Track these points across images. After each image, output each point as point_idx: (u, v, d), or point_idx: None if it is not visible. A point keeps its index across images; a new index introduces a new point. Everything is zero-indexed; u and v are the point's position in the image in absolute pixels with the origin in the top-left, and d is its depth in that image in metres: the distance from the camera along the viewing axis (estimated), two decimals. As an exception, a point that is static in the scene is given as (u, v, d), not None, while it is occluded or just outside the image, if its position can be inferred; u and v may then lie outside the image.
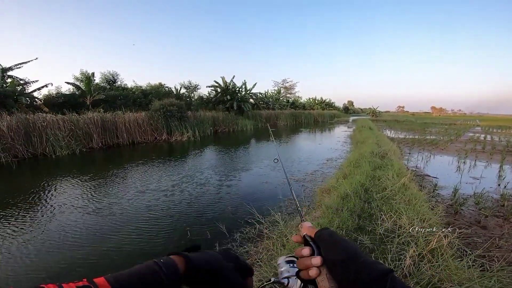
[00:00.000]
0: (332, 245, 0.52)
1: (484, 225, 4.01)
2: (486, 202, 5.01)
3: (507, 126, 30.90)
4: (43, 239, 3.95)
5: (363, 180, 4.97)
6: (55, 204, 5.35)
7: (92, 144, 12.42)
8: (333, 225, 3.13)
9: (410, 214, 3.14)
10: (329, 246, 0.53)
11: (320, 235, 0.56)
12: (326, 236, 0.55)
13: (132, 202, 5.46)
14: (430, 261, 2.16)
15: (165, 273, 0.44)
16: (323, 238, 0.55)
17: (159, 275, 0.43)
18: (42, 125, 10.84)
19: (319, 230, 0.57)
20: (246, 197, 5.71)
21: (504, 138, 16.87)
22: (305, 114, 37.25)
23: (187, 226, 4.34)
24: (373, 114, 54.97)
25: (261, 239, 3.66)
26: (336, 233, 0.55)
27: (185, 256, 0.48)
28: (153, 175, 7.56)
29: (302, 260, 0.54)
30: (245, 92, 25.07)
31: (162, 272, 0.43)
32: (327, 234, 0.55)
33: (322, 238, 0.55)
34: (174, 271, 0.45)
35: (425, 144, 13.35)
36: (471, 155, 10.24)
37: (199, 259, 0.49)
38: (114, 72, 22.77)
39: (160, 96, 20.35)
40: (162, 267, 0.44)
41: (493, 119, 63.74)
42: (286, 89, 48.26)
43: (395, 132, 21.01)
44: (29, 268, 3.30)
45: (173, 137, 15.52)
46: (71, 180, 7.05)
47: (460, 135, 18.34)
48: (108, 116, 13.50)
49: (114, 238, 4.04)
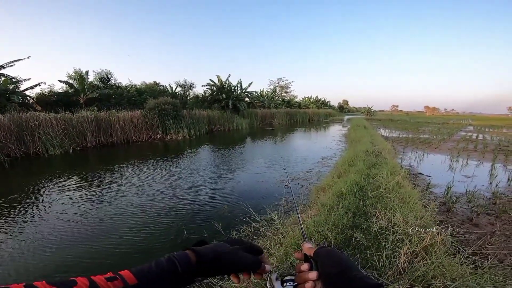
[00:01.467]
0: (327, 260, 0.57)
1: (476, 222, 4.08)
2: (478, 200, 5.10)
3: (499, 125, 31.44)
4: (35, 239, 3.91)
5: (358, 179, 5.02)
6: (48, 203, 5.29)
7: (86, 143, 12.29)
8: (328, 223, 3.16)
9: (404, 212, 3.18)
10: (324, 260, 0.57)
11: (318, 253, 0.60)
12: (323, 252, 0.59)
13: (126, 201, 5.43)
14: (424, 258, 2.20)
15: (180, 264, 0.51)
16: (321, 255, 0.59)
17: (175, 266, 0.50)
18: (34, 124, 10.70)
19: (318, 248, 0.62)
20: (242, 196, 5.72)
21: (496, 138, 17.15)
22: (301, 113, 37.34)
23: (183, 225, 4.33)
24: (367, 113, 55.35)
25: (257, 237, 3.67)
26: (334, 250, 0.60)
27: (194, 249, 0.55)
28: (148, 174, 7.52)
29: (300, 275, 0.59)
30: (240, 91, 25.04)
31: (177, 262, 0.51)
32: (324, 251, 0.60)
33: (320, 255, 0.59)
34: (187, 262, 0.52)
35: (419, 143, 13.51)
36: (464, 154, 10.39)
37: (206, 250, 0.56)
38: (107, 71, 22.55)
39: (155, 95, 20.24)
40: (177, 259, 0.51)
41: (485, 118, 64.71)
42: (282, 88, 48.28)
43: (389, 131, 21.20)
44: (22, 268, 3.27)
45: (168, 136, 15.44)
46: (63, 179, 6.97)
47: (452, 134, 18.59)
48: (102, 114, 13.36)
49: (109, 237, 4.01)
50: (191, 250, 0.55)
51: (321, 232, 2.95)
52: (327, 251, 0.59)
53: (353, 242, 2.81)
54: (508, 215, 4.38)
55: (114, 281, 0.44)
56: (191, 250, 0.55)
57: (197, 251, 0.55)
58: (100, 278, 0.44)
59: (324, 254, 0.59)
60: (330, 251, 0.59)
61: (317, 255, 0.60)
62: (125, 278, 0.45)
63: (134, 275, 0.46)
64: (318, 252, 0.60)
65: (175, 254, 0.53)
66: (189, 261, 0.52)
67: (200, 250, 0.55)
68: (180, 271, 0.50)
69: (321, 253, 0.59)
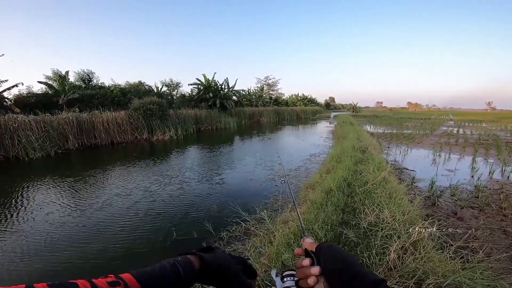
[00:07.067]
0: (330, 256, 0.56)
1: (461, 216, 4.20)
2: (461, 193, 5.27)
3: (478, 120, 32.67)
4: (18, 244, 3.74)
5: (346, 175, 5.07)
6: (29, 208, 5.07)
7: (68, 145, 11.86)
8: (318, 220, 3.17)
9: (391, 208, 3.23)
10: (327, 256, 0.56)
11: (320, 248, 0.59)
12: (325, 248, 0.58)
13: (113, 203, 5.27)
14: (413, 254, 2.23)
15: (183, 268, 0.50)
16: (323, 250, 0.58)
17: (178, 270, 0.50)
18: (13, 127, 10.24)
19: (320, 243, 0.61)
20: (231, 195, 5.67)
21: (476, 132, 17.80)
22: (288, 110, 37.48)
23: (172, 226, 4.26)
24: (353, 110, 56.20)
25: (248, 237, 3.65)
26: (335, 246, 0.59)
27: (199, 255, 0.55)
28: (134, 176, 7.35)
29: (302, 270, 0.57)
30: (227, 89, 24.87)
31: (180, 268, 0.50)
32: (326, 246, 0.59)
33: (322, 250, 0.58)
34: (190, 267, 0.52)
35: (402, 138, 13.84)
36: (446, 148, 10.73)
37: (212, 259, 0.55)
38: (89, 71, 21.83)
39: (140, 95, 19.78)
40: (180, 263, 0.51)
41: (464, 113, 67.06)
42: (269, 86, 48.33)
43: (374, 127, 21.63)
44: (11, 272, 3.12)
45: (155, 137, 15.12)
46: (44, 183, 6.70)
47: (434, 129, 19.17)
48: (84, 116, 12.93)
49: (97, 240, 3.91)
50: (196, 256, 0.55)
51: (311, 230, 2.95)
52: (329, 246, 0.58)
53: (343, 239, 2.83)
54: (491, 208, 4.53)
55: (116, 286, 0.43)
56: (196, 255, 0.55)
57: (203, 257, 0.54)
58: (102, 281, 0.42)
59: (326, 249, 0.58)
60: (333, 246, 0.58)
61: (319, 250, 0.59)
62: (127, 283, 0.44)
63: (136, 279, 0.45)
64: (320, 247, 0.60)
65: (179, 259, 0.53)
66: (193, 267, 0.52)
67: (206, 257, 0.55)
68: (183, 276, 0.49)
69: (323, 248, 0.59)
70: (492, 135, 15.27)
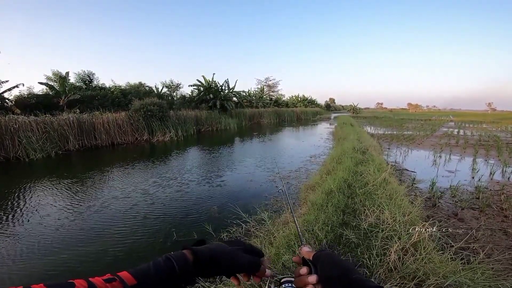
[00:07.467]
0: (327, 263, 0.56)
1: (461, 217, 4.20)
2: (462, 195, 5.26)
3: (478, 121, 32.64)
4: (17, 246, 3.74)
5: (346, 176, 5.06)
6: (29, 208, 5.07)
7: (69, 146, 11.87)
8: (319, 222, 3.16)
9: (392, 209, 3.22)
10: (324, 264, 0.57)
11: (317, 256, 0.60)
12: (323, 257, 0.59)
13: (112, 204, 5.28)
14: (414, 255, 2.22)
15: (176, 262, 0.50)
16: (320, 258, 0.59)
17: (172, 264, 0.50)
18: (14, 128, 10.26)
19: (317, 252, 0.62)
20: (232, 196, 5.67)
21: (476, 133, 17.78)
22: (288, 111, 37.49)
23: (172, 227, 4.26)
24: (353, 111, 56.18)
25: (248, 238, 3.64)
26: (333, 253, 0.60)
27: (191, 248, 0.55)
28: (134, 177, 7.35)
29: (299, 279, 0.58)
30: (228, 90, 24.89)
31: (174, 261, 0.50)
32: (324, 254, 0.59)
33: (320, 258, 0.59)
34: (184, 260, 0.52)
35: (403, 140, 13.83)
36: (446, 149, 10.71)
37: (203, 249, 0.56)
38: (90, 72, 21.85)
39: (140, 96, 19.80)
40: (174, 257, 0.51)
41: (464, 114, 66.97)
42: (269, 87, 48.35)
43: (375, 128, 21.62)
44: (10, 274, 3.11)
45: (155, 138, 15.13)
46: (44, 184, 6.70)
47: (435, 130, 19.15)
48: (85, 117, 12.94)
49: (97, 241, 3.91)
50: (189, 249, 0.55)
51: (312, 231, 2.95)
52: (326, 255, 0.59)
53: (343, 241, 2.82)
54: (492, 209, 4.53)
55: (112, 282, 0.44)
56: (188, 249, 0.55)
57: (194, 250, 0.55)
58: (99, 280, 0.43)
59: (323, 257, 0.58)
60: (330, 255, 0.59)
61: (316, 258, 0.59)
62: (123, 279, 0.45)
63: (132, 276, 0.46)
64: (317, 256, 0.60)
65: (172, 254, 0.53)
66: (186, 260, 0.52)
67: (197, 249, 0.55)
68: (178, 271, 0.50)
69: (320, 257, 0.59)
70: (492, 136, 15.25)
